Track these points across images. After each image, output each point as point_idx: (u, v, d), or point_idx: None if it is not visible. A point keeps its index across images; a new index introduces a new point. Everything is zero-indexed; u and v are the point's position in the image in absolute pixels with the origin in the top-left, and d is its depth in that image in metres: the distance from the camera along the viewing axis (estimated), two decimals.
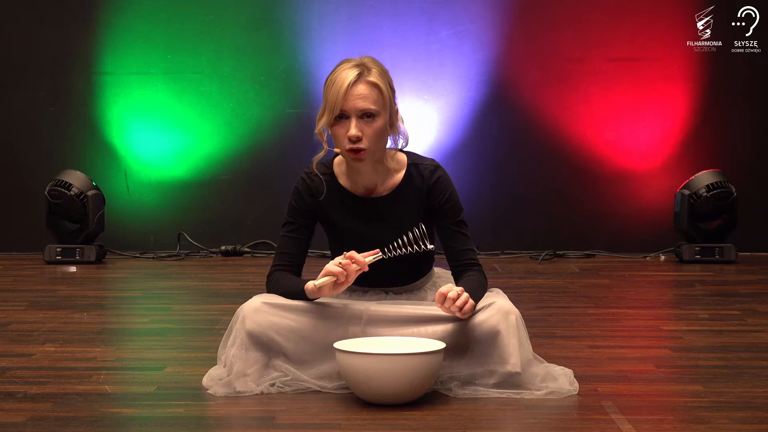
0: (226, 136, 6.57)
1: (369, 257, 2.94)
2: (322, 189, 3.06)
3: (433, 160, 3.10)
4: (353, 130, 2.92)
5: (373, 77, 2.95)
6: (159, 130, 6.56)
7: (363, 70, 2.95)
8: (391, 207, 3.05)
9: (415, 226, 3.00)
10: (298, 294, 2.97)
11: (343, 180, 3.07)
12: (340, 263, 2.90)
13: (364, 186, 3.05)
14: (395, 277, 3.14)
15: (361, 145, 2.93)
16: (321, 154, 3.05)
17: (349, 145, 2.94)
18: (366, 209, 3.06)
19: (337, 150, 3.00)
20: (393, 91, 3.01)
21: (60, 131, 6.57)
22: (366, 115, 2.94)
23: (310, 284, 2.94)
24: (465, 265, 3.05)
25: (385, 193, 3.06)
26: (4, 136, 6.58)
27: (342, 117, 2.94)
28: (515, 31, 6.52)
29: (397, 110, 3.03)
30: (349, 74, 2.93)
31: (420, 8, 6.52)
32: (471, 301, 2.88)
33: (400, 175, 3.06)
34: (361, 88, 2.93)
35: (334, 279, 2.91)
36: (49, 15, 6.54)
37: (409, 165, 3.07)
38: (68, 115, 6.57)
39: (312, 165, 3.07)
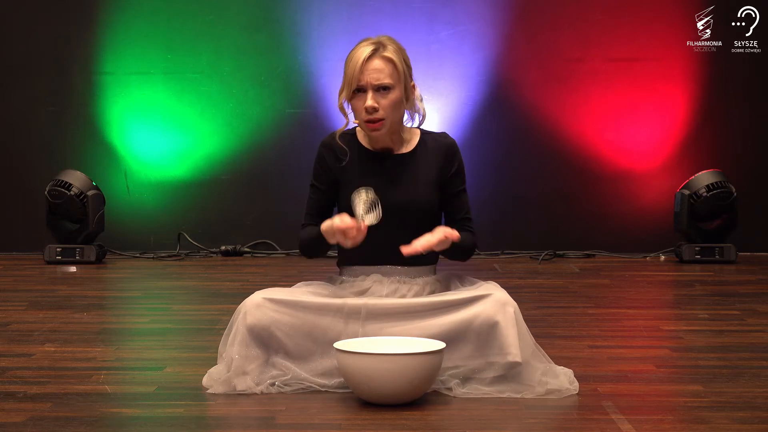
0: (226, 136, 6.57)
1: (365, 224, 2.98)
2: (343, 149, 3.15)
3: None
4: (369, 102, 3.05)
5: (388, 53, 3.09)
6: (159, 130, 6.56)
7: (379, 46, 3.09)
8: (406, 164, 3.15)
9: (428, 186, 3.11)
10: (316, 238, 3.05)
11: (364, 143, 3.19)
12: (353, 237, 2.95)
13: (381, 148, 3.16)
14: (398, 254, 3.11)
15: (378, 116, 3.06)
16: (343, 127, 3.18)
17: (366, 117, 3.07)
18: (383, 166, 3.15)
19: (356, 122, 3.12)
20: (409, 68, 3.15)
21: (60, 131, 6.57)
22: (382, 89, 3.07)
23: (325, 229, 3.01)
24: (462, 228, 3.16)
25: (401, 153, 3.17)
26: (4, 136, 6.58)
27: (359, 91, 3.07)
28: (515, 31, 6.52)
29: (414, 86, 3.16)
30: (365, 50, 3.08)
31: (420, 8, 6.52)
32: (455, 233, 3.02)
33: (415, 141, 3.19)
34: (376, 63, 3.07)
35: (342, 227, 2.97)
36: (49, 15, 6.54)
37: (422, 134, 3.20)
38: (68, 115, 6.57)
39: (335, 132, 3.19)
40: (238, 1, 6.55)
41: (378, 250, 3.10)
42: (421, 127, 3.21)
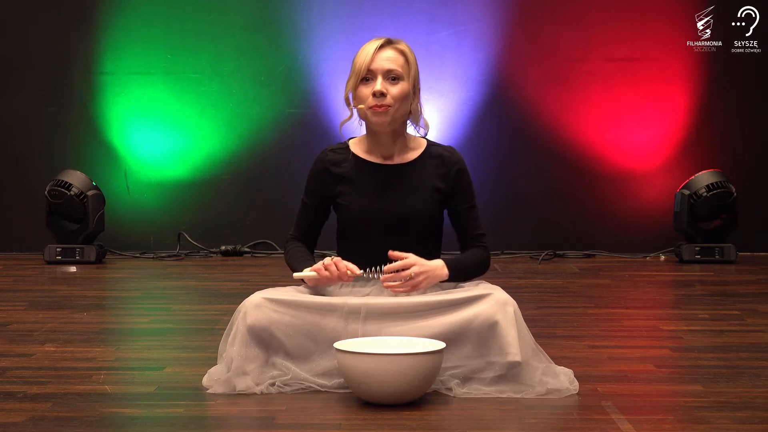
0: (226, 136, 6.57)
1: (354, 273, 3.04)
2: (339, 161, 3.17)
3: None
4: (378, 86, 3.07)
5: (402, 46, 3.14)
6: (159, 130, 6.56)
7: (391, 40, 3.15)
8: (408, 175, 3.15)
9: (428, 196, 3.11)
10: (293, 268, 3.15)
11: (361, 153, 3.19)
12: (329, 269, 3.02)
13: (381, 155, 3.17)
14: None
15: (385, 101, 3.07)
16: (347, 119, 3.20)
17: (372, 101, 3.07)
18: (383, 175, 3.15)
19: (361, 107, 3.11)
20: (418, 70, 3.16)
21: (60, 131, 6.57)
22: (391, 78, 3.09)
23: (296, 274, 3.10)
24: (473, 245, 3.19)
25: (403, 162, 3.16)
26: (4, 136, 6.58)
27: (368, 79, 3.10)
28: (515, 31, 6.52)
29: (419, 91, 3.17)
30: (377, 41, 3.13)
31: (420, 8, 6.52)
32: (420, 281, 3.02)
33: (419, 151, 3.18)
34: (389, 52, 3.12)
35: (317, 277, 3.05)
36: (49, 15, 6.54)
37: (428, 145, 3.20)
38: (68, 115, 6.57)
39: (326, 149, 3.20)
40: (238, 1, 6.56)
41: (378, 259, 3.10)
42: (428, 137, 3.22)
